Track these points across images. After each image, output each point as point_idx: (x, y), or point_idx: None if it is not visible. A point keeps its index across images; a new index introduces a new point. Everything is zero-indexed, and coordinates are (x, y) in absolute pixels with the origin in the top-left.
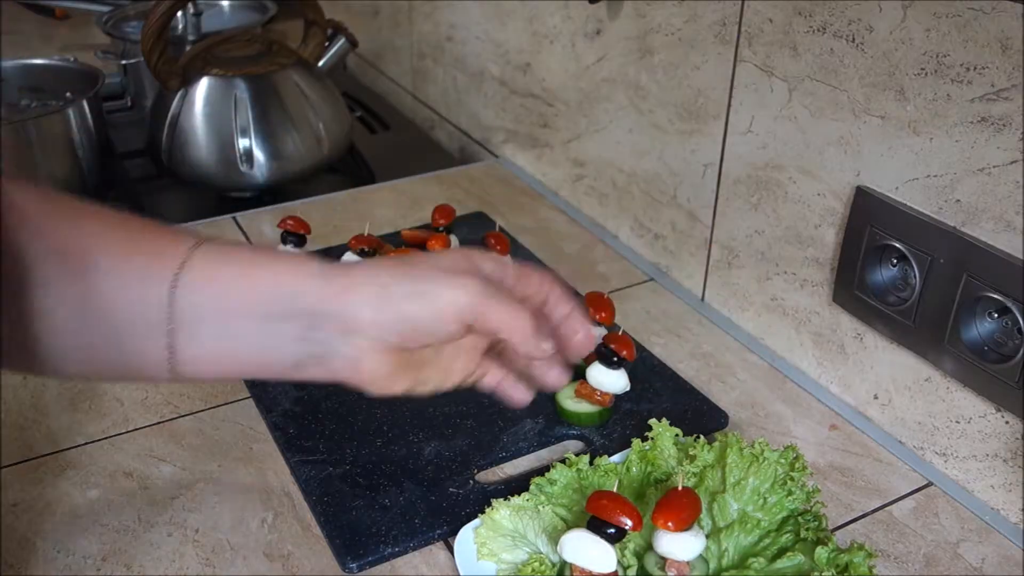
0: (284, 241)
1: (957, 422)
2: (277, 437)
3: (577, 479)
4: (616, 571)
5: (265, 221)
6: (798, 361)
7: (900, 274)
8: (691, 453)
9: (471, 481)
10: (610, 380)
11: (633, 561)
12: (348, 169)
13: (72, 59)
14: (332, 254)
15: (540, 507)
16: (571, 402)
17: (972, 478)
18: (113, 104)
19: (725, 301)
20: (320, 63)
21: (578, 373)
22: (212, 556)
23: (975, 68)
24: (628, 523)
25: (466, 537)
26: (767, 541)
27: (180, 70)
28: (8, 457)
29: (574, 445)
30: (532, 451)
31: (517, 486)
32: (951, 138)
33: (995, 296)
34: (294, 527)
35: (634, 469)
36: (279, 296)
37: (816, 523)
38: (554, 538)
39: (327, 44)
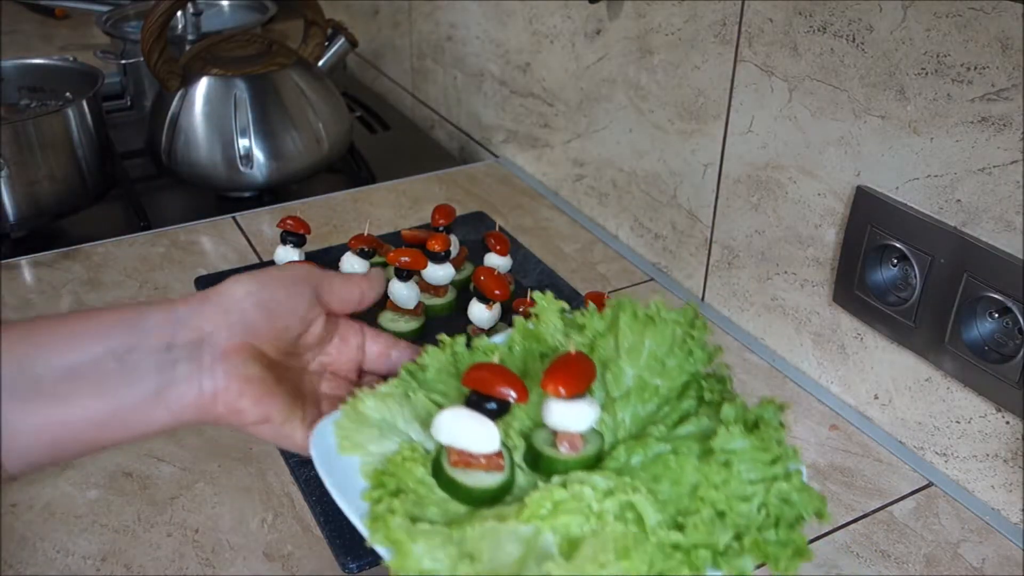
0: (284, 241)
1: (957, 422)
2: None
3: (453, 363)
4: (500, 452)
5: (265, 221)
6: (798, 361)
7: (900, 274)
8: (580, 323)
9: None
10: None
11: (519, 442)
12: (348, 169)
13: (72, 59)
14: (332, 254)
15: (411, 393)
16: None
17: (972, 478)
18: (113, 104)
19: (725, 301)
20: (320, 63)
21: None
22: (212, 556)
23: (975, 68)
24: (512, 395)
25: (325, 431)
26: (668, 408)
27: (180, 70)
28: None
29: None
30: None
31: None
32: (951, 138)
33: (995, 296)
34: (294, 527)
35: (517, 348)
36: (122, 327)
37: (721, 385)
38: (428, 425)
39: (327, 44)
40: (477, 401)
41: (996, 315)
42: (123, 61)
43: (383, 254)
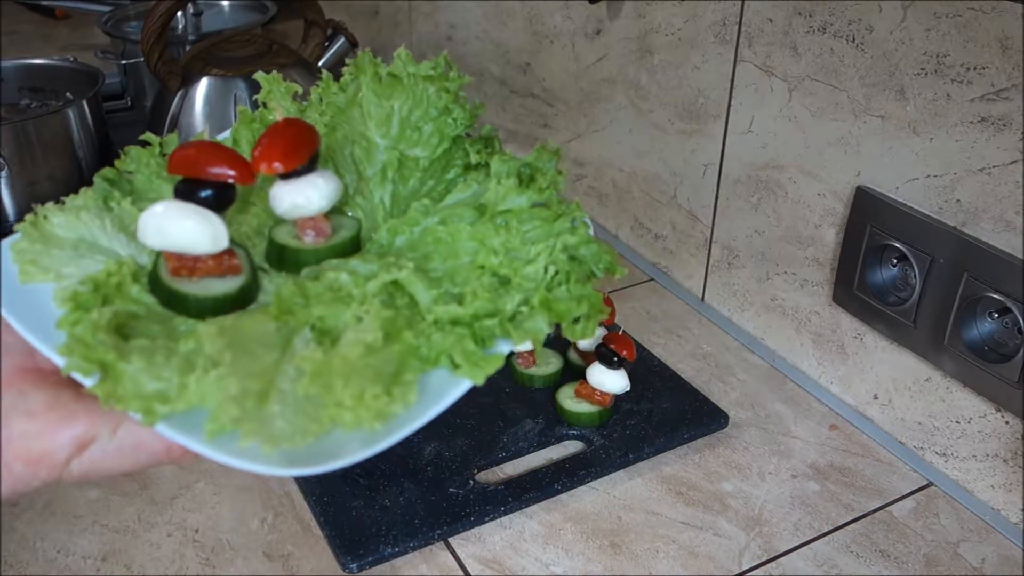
0: None
1: (957, 422)
2: None
3: (163, 163)
4: (231, 251)
5: None
6: (798, 361)
7: (900, 274)
8: (313, 100)
9: (471, 481)
10: (610, 380)
11: (258, 240)
12: None
13: (72, 59)
14: None
15: (114, 204)
16: (571, 402)
17: (972, 478)
18: (113, 104)
19: (725, 301)
20: (320, 63)
21: (578, 373)
22: (212, 556)
23: (975, 68)
24: (231, 173)
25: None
26: (432, 182)
27: (180, 70)
28: None
29: (574, 445)
30: (532, 451)
31: (517, 486)
32: (951, 138)
33: (995, 296)
34: (294, 527)
35: (244, 143)
36: None
37: (489, 147)
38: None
39: (327, 44)
40: (188, 190)
41: (996, 315)
42: (123, 61)
43: None
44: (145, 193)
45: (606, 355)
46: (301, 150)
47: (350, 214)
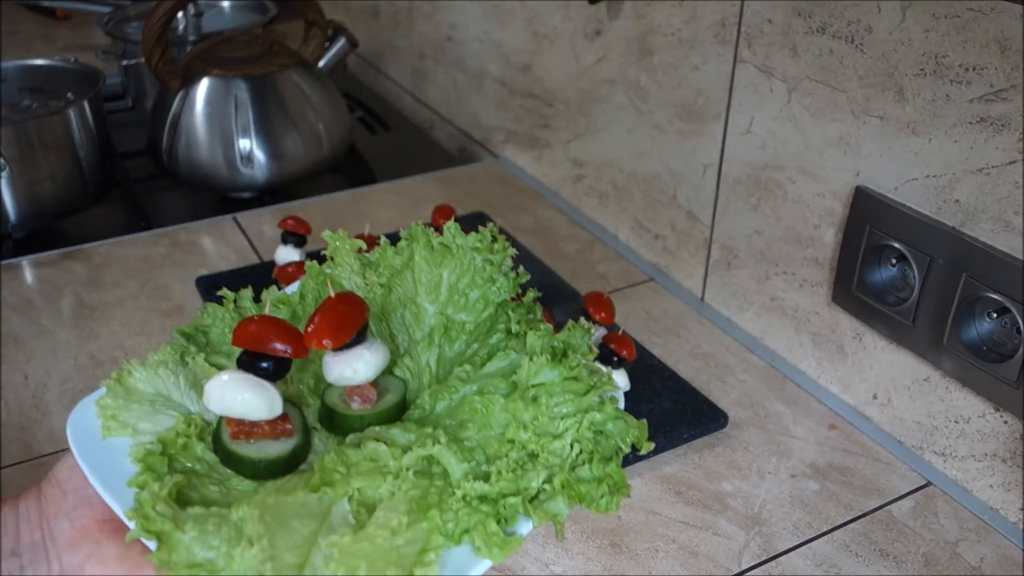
0: (285, 241)
1: (956, 422)
2: None
3: (238, 320)
4: (285, 415)
5: (265, 221)
6: (798, 361)
7: (899, 274)
8: (374, 261)
9: None
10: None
11: (312, 400)
12: (348, 169)
13: (73, 59)
14: None
15: (188, 359)
16: None
17: (971, 478)
18: (114, 104)
19: (725, 301)
20: (320, 63)
21: None
22: None
23: (974, 68)
24: (287, 349)
25: (85, 413)
26: (476, 346)
27: (181, 71)
28: (9, 457)
29: None
30: None
31: None
32: (950, 138)
33: (994, 296)
34: None
35: (310, 297)
36: None
37: (531, 314)
38: None
39: (327, 44)
40: (249, 361)
41: (995, 315)
42: (124, 62)
43: None
44: (219, 345)
45: (606, 355)
46: (349, 327)
47: (398, 375)
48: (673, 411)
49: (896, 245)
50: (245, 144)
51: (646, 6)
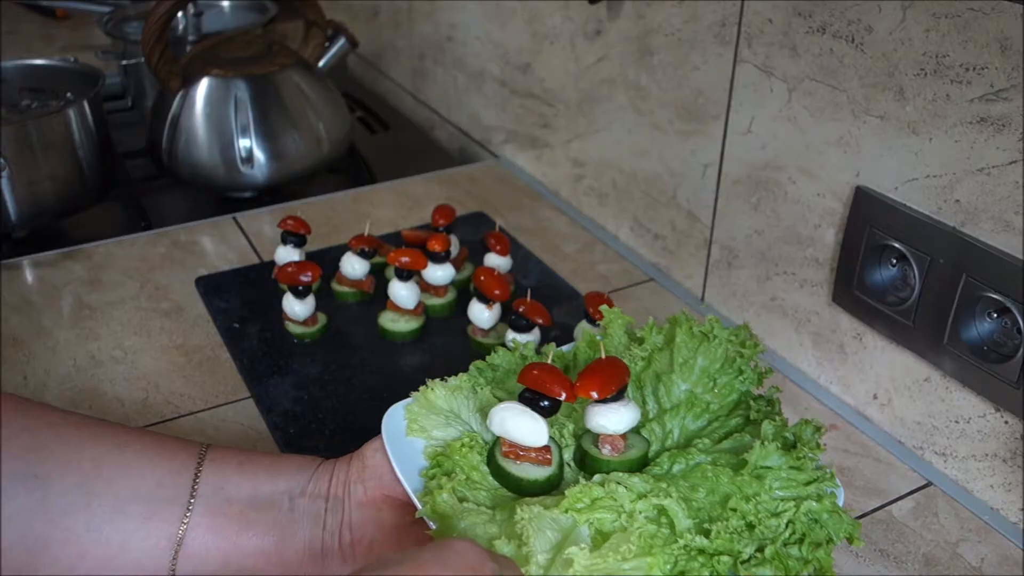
0: (284, 241)
1: (956, 422)
2: (277, 437)
3: (520, 364)
4: (548, 447)
5: (265, 221)
6: (798, 361)
7: (899, 274)
8: (639, 335)
9: None
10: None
11: (571, 441)
12: (348, 169)
13: (73, 59)
14: (332, 254)
15: (478, 388)
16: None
17: (971, 478)
18: (114, 104)
19: (725, 301)
20: (320, 63)
21: None
22: None
23: (974, 68)
24: (562, 394)
25: (396, 414)
26: (716, 424)
27: (180, 71)
28: None
29: None
30: None
31: None
32: (950, 138)
33: (994, 296)
34: None
35: (581, 356)
36: (294, 471)
37: (770, 407)
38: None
39: (327, 44)
40: (530, 398)
41: (995, 315)
42: (124, 62)
43: (383, 254)
44: (503, 383)
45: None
46: (612, 384)
47: (644, 435)
48: None
49: (896, 245)
50: (245, 144)
51: (646, 6)
